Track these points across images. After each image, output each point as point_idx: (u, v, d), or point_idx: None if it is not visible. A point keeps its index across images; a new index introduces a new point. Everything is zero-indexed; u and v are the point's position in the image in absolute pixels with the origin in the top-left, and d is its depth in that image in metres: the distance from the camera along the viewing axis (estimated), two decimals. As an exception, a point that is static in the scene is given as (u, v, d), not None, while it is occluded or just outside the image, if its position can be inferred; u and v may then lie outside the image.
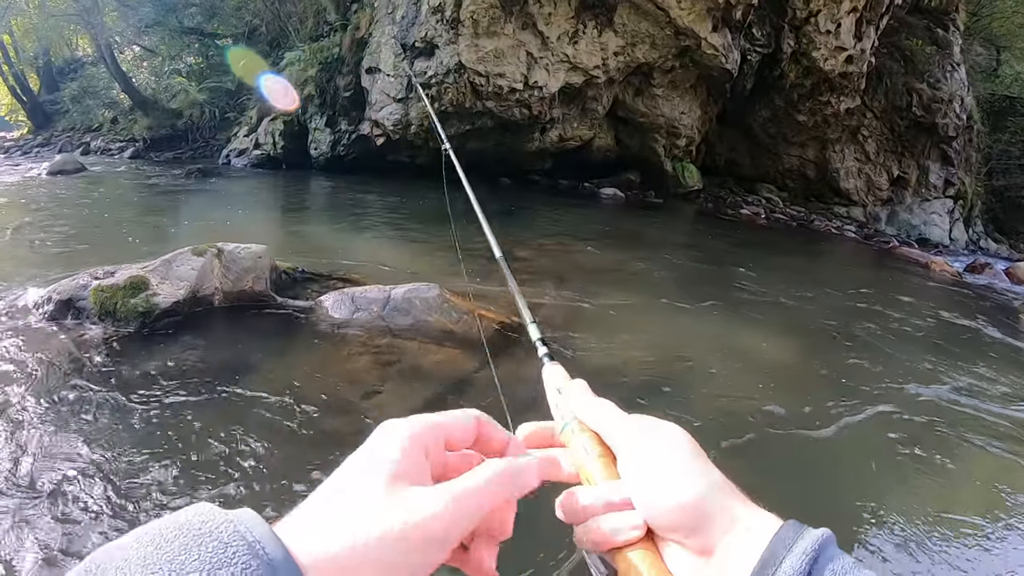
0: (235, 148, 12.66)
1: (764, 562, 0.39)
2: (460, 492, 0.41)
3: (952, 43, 14.63)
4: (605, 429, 0.50)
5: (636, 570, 0.43)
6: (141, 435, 2.61)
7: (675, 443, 0.47)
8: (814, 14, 12.29)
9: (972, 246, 15.25)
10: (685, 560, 0.42)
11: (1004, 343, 6.76)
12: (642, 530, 0.44)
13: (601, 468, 0.48)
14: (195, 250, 4.11)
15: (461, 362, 3.70)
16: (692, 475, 0.44)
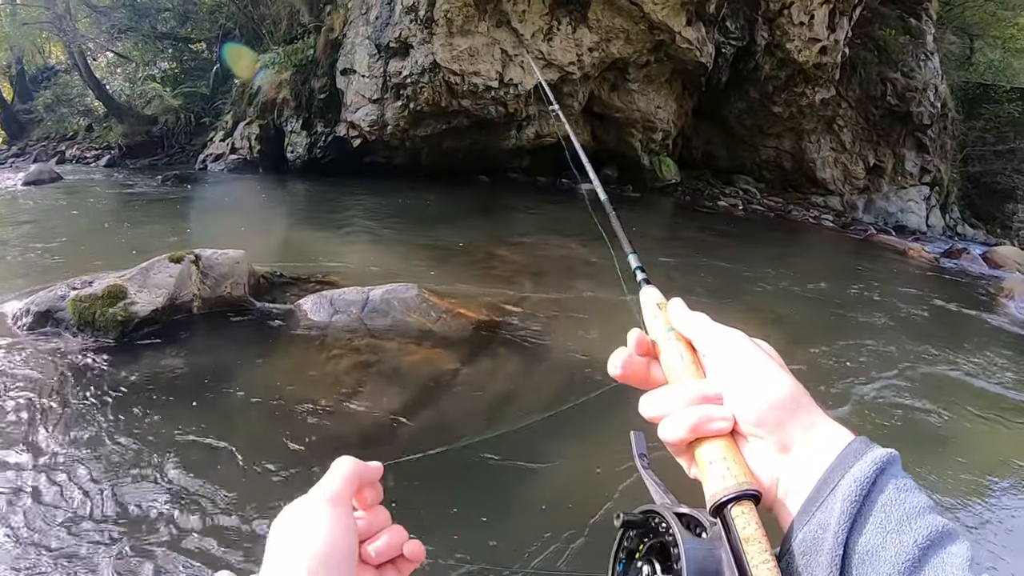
0: (211, 153, 12.57)
1: (834, 466, 0.42)
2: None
3: (925, 32, 14.77)
4: (700, 336, 0.54)
5: (716, 457, 0.46)
6: (121, 445, 2.60)
7: (765, 350, 0.51)
8: (787, 6, 12.36)
9: (949, 232, 15.43)
10: (763, 454, 0.46)
11: (982, 324, 6.88)
12: (730, 421, 0.47)
13: (694, 371, 0.52)
14: (172, 257, 4.12)
15: (441, 361, 3.72)
16: (780, 377, 0.48)
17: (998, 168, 17.56)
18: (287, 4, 13.30)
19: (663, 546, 0.45)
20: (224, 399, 3.08)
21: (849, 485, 0.41)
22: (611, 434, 2.98)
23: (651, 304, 0.62)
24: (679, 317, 0.57)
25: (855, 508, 0.40)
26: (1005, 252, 12.95)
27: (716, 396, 0.49)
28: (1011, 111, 17.08)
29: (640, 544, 0.48)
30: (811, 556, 0.41)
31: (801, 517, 0.42)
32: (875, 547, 0.39)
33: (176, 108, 13.70)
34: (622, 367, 0.55)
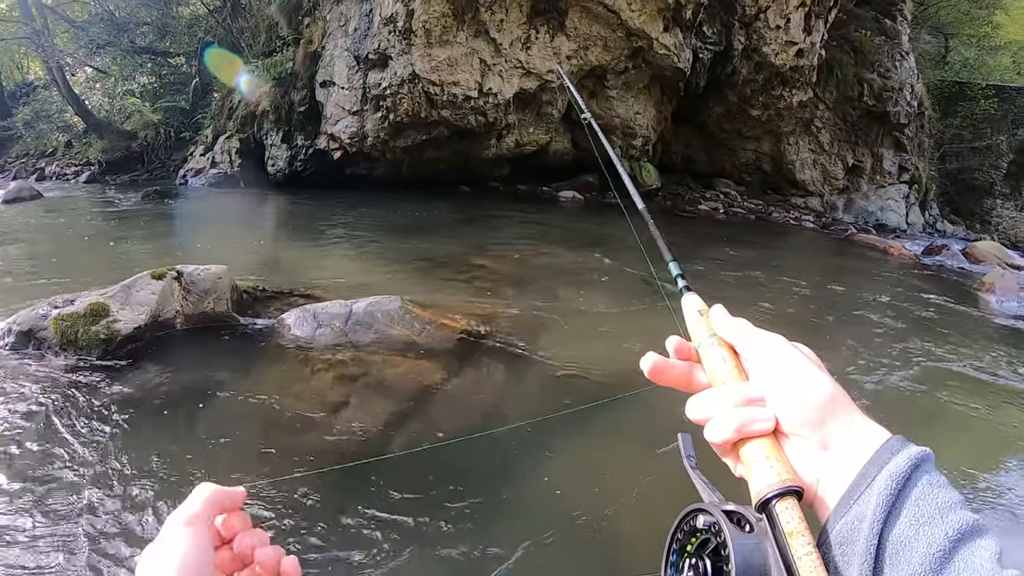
0: (191, 168, 12.51)
1: (871, 462, 0.45)
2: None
3: (900, 32, 14.96)
4: (741, 340, 0.56)
5: (760, 456, 0.49)
6: (103, 465, 2.57)
7: (804, 352, 0.54)
8: (763, 10, 12.48)
9: (929, 229, 15.61)
10: (804, 451, 0.49)
11: (965, 318, 6.97)
12: (773, 422, 0.50)
13: (736, 375, 0.54)
14: (154, 274, 4.09)
15: (426, 372, 3.72)
16: (820, 379, 0.50)
17: (975, 164, 17.78)
18: (266, 17, 13.28)
19: (713, 542, 0.47)
20: (208, 416, 3.07)
21: (885, 480, 0.43)
22: (612, 444, 3.02)
23: (693, 311, 0.64)
24: (721, 322, 0.59)
25: (890, 501, 0.42)
26: (984, 247, 13.12)
27: (759, 398, 0.51)
28: (987, 108, 17.31)
29: (690, 541, 0.50)
30: (848, 546, 0.43)
31: (839, 509, 0.45)
32: (908, 538, 0.41)
33: (156, 123, 13.63)
34: (651, 371, 0.59)
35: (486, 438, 3.05)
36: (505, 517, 2.48)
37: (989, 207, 18.72)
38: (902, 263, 11.05)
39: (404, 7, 10.56)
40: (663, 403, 3.58)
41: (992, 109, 17.51)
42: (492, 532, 2.37)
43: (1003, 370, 5.07)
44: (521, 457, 2.87)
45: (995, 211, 18.78)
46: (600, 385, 3.73)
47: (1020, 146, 18.37)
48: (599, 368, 3.97)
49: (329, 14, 11.99)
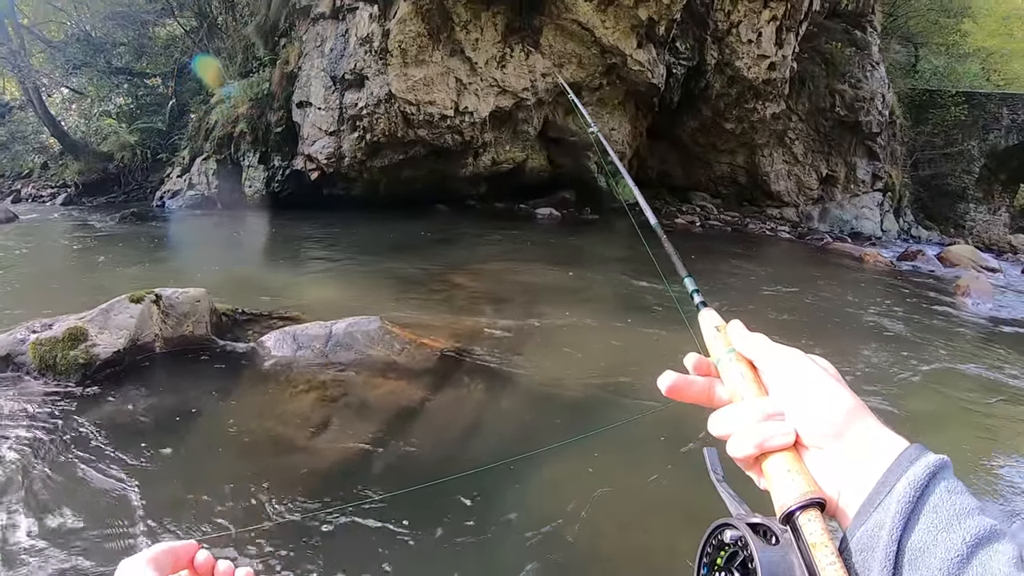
0: (168, 190, 12.46)
1: (890, 470, 0.46)
2: None
3: (871, 43, 15.25)
4: (760, 355, 0.57)
5: (782, 469, 0.50)
6: (83, 491, 2.54)
7: (822, 366, 0.55)
8: (735, 25, 12.69)
9: (904, 235, 15.87)
10: (825, 463, 0.49)
11: (941, 321, 7.09)
12: (793, 436, 0.51)
13: (756, 389, 0.55)
14: (132, 297, 4.06)
15: (407, 392, 3.72)
16: (839, 392, 0.51)
17: (948, 170, 18.13)
18: (242, 37, 13.29)
19: (740, 555, 0.49)
20: (189, 440, 3.04)
21: (904, 488, 0.44)
22: (610, 470, 3.00)
23: (710, 326, 0.65)
24: (739, 338, 0.60)
25: (909, 509, 0.43)
26: (959, 251, 13.36)
27: (779, 412, 0.52)
28: (957, 114, 17.68)
29: (719, 554, 0.51)
30: (868, 553, 0.44)
31: (859, 517, 0.46)
32: (926, 544, 0.42)
33: (132, 144, 13.55)
34: (669, 389, 0.60)
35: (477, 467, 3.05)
36: (502, 552, 2.47)
37: (963, 211, 19.08)
38: (878, 270, 11.21)
39: (380, 27, 10.63)
40: (649, 408, 3.65)
41: (962, 115, 17.88)
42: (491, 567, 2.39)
43: (979, 369, 5.20)
44: (518, 486, 2.86)
45: (968, 215, 19.14)
46: (581, 401, 3.76)
47: (991, 151, 18.77)
48: (581, 384, 4.01)
49: (305, 35, 12.02)
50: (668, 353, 4.62)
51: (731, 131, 13.35)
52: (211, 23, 14.50)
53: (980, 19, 20.06)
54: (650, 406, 3.56)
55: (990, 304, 8.44)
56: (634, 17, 11.34)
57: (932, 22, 18.00)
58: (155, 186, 13.13)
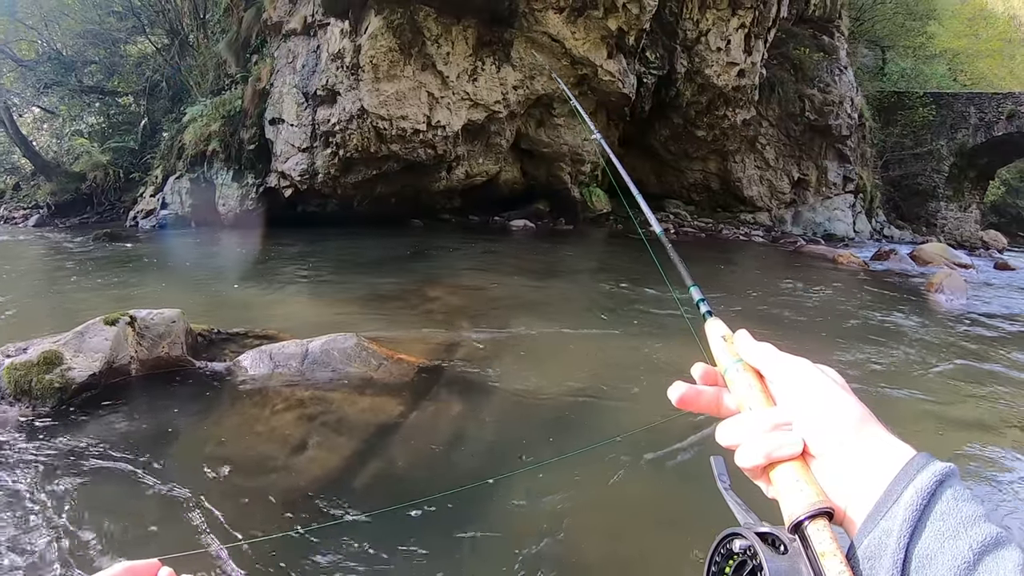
0: (142, 209, 12.37)
1: (898, 478, 0.46)
2: None
3: (838, 48, 15.51)
4: (767, 365, 0.57)
5: (790, 479, 0.50)
6: (61, 517, 2.50)
7: (830, 375, 0.55)
8: (704, 33, 12.86)
9: (877, 235, 16.12)
10: (832, 472, 0.50)
11: (916, 318, 7.19)
12: (801, 446, 0.51)
13: (763, 399, 0.55)
14: (107, 319, 4.01)
15: (386, 408, 3.72)
16: (846, 401, 0.52)
17: (918, 170, 18.47)
18: (214, 55, 13.26)
19: (749, 564, 0.49)
20: (167, 464, 2.98)
21: (911, 495, 0.44)
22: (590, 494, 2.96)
23: (717, 336, 0.65)
24: (747, 348, 0.60)
25: (916, 516, 0.43)
26: (931, 249, 13.59)
27: (786, 422, 0.53)
28: (925, 115, 18.03)
29: (728, 564, 0.51)
30: (875, 560, 0.44)
31: (866, 525, 0.46)
32: (933, 552, 0.42)
33: (105, 164, 13.46)
34: (679, 400, 0.61)
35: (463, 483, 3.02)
36: (487, 572, 2.45)
37: (934, 210, 19.42)
38: (852, 271, 11.36)
39: (351, 43, 10.68)
40: (626, 415, 3.65)
41: (931, 116, 18.24)
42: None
43: (952, 363, 5.30)
44: (502, 502, 2.84)
45: (940, 213, 19.49)
46: (561, 414, 3.76)
47: (960, 149, 19.14)
48: (560, 396, 4.02)
49: (277, 51, 12.04)
50: (647, 363, 4.66)
51: (703, 138, 13.51)
52: (182, 41, 14.47)
53: (946, 21, 20.49)
54: (635, 420, 3.57)
55: (964, 300, 8.58)
56: (604, 28, 11.47)
57: (898, 25, 18.36)
58: (128, 206, 13.04)
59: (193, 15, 14.68)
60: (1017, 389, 4.79)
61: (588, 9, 11.19)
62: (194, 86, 13.26)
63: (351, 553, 2.43)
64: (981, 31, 22.40)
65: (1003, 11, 27.24)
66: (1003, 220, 25.60)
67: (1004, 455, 3.63)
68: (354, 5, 10.61)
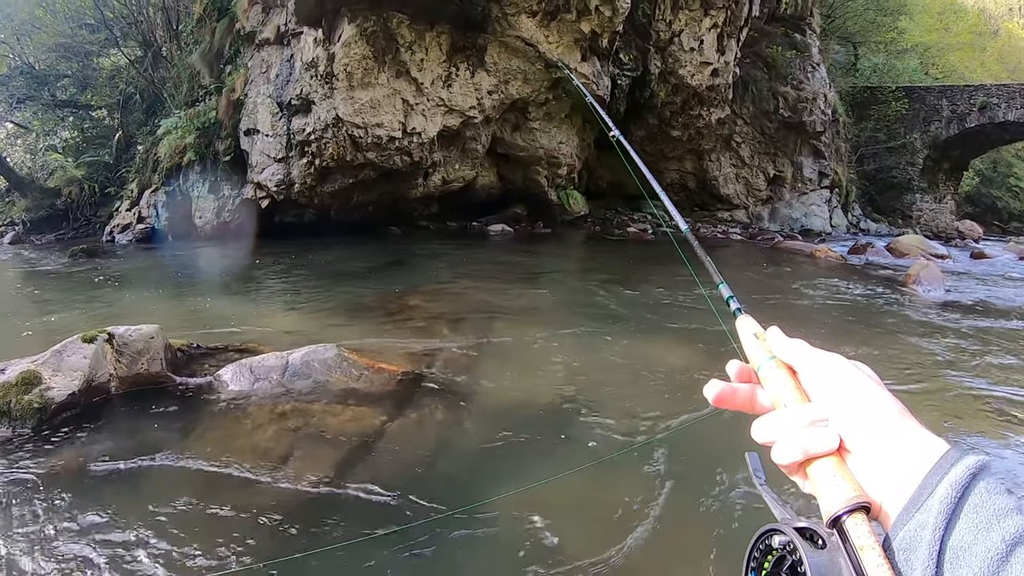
0: (118, 224, 12.26)
1: (932, 472, 0.47)
2: None
3: (810, 45, 15.70)
4: (800, 361, 0.58)
5: (828, 474, 0.51)
6: (43, 540, 2.48)
7: (863, 371, 0.56)
8: (677, 34, 12.97)
9: (853, 229, 16.33)
10: (869, 466, 0.50)
11: (894, 309, 7.29)
12: (837, 441, 0.52)
13: (798, 396, 0.56)
14: (85, 337, 3.97)
15: (368, 418, 3.70)
16: (880, 396, 0.52)
17: (892, 163, 18.73)
18: (187, 66, 13.19)
19: (788, 559, 0.50)
20: (149, 483, 2.95)
21: (946, 488, 0.45)
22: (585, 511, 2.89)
23: (749, 333, 0.66)
24: (780, 345, 0.61)
25: (950, 509, 0.44)
26: (907, 241, 13.80)
27: (822, 419, 0.53)
28: (898, 108, 18.29)
29: (767, 559, 0.52)
30: (910, 552, 0.45)
31: (902, 518, 0.47)
32: (967, 544, 0.43)
33: (80, 178, 13.32)
34: (716, 399, 0.61)
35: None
36: None
37: (909, 202, 19.70)
38: (830, 265, 11.48)
39: (325, 51, 10.67)
40: (613, 416, 3.64)
41: (903, 109, 18.51)
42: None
43: (933, 353, 5.37)
44: (491, 525, 2.77)
45: (915, 205, 19.77)
46: (544, 416, 3.76)
47: (933, 142, 19.43)
48: (545, 396, 4.02)
49: (251, 61, 12.00)
50: (636, 366, 4.64)
51: (678, 138, 13.62)
52: (155, 53, 14.38)
53: (916, 16, 20.80)
54: (629, 429, 3.53)
55: (941, 290, 8.68)
56: (577, 31, 11.54)
57: (869, 21, 18.61)
58: (104, 221, 12.92)
59: (166, 27, 14.60)
60: (995, 376, 4.86)
61: (561, 12, 11.25)
62: (168, 98, 13.18)
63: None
64: (951, 25, 22.77)
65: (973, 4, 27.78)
66: (978, 210, 26.04)
67: (982, 443, 3.69)
68: (327, 13, 10.61)
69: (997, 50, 30.80)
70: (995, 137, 20.60)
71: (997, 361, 5.28)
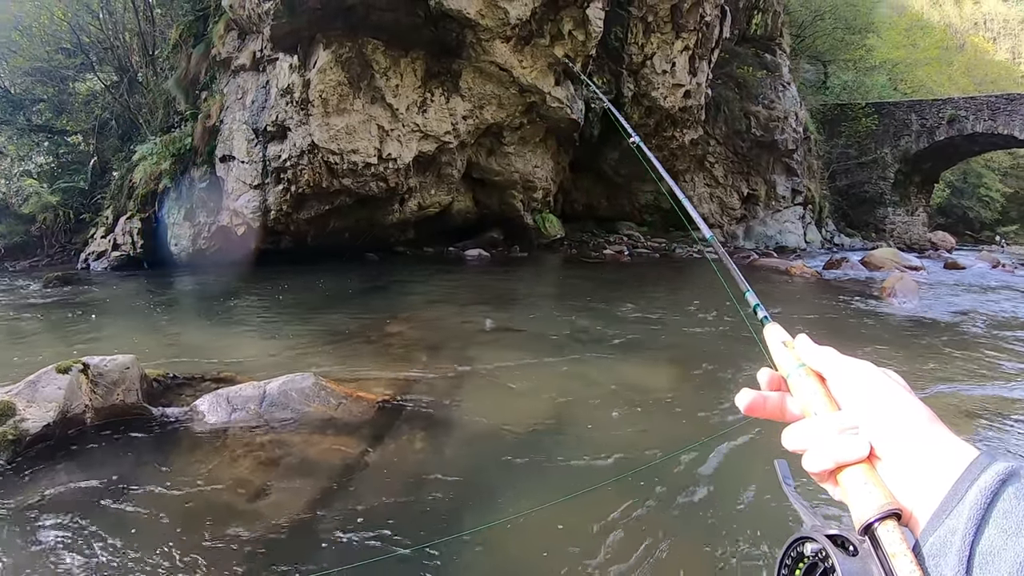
0: (93, 251, 12.19)
1: (962, 478, 0.47)
2: None
3: (781, 65, 16.04)
4: (830, 369, 0.58)
5: (859, 481, 0.51)
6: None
7: (893, 378, 0.56)
8: (649, 57, 13.20)
9: (828, 244, 16.63)
10: (899, 473, 0.50)
11: (871, 322, 7.38)
12: (868, 448, 0.52)
13: (828, 403, 0.56)
14: (59, 367, 3.93)
15: (347, 448, 3.68)
16: (911, 404, 0.53)
17: (864, 178, 19.14)
18: (163, 92, 13.19)
19: (820, 567, 0.50)
20: (127, 515, 2.89)
21: (975, 494, 0.45)
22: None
23: (777, 341, 0.66)
24: (809, 353, 0.61)
25: (980, 514, 0.44)
26: (881, 254, 14.04)
27: (853, 427, 0.53)
28: (868, 124, 18.71)
29: (798, 566, 0.52)
30: (940, 558, 0.45)
31: (932, 524, 0.47)
32: (996, 549, 0.43)
33: (54, 205, 13.24)
34: (748, 408, 0.62)
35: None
36: None
37: (882, 216, 20.11)
38: (805, 281, 11.63)
39: (300, 78, 10.74)
40: (591, 441, 3.64)
41: (873, 125, 18.93)
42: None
43: (908, 363, 5.43)
44: (475, 552, 2.74)
45: (888, 219, 20.18)
46: (524, 443, 3.74)
47: (904, 156, 19.88)
48: (524, 422, 4.02)
49: (226, 87, 12.03)
50: (619, 389, 4.63)
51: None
52: (131, 78, 14.36)
53: (884, 33, 21.30)
54: (615, 453, 3.50)
55: (916, 301, 8.79)
56: (551, 56, 11.72)
57: (838, 40, 19.05)
58: (79, 248, 12.84)
59: (142, 52, 14.59)
60: (971, 384, 4.94)
61: (535, 38, 11.42)
62: (144, 124, 13.16)
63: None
64: (918, 40, 23.34)
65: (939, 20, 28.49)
66: (950, 221, 26.61)
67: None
68: (303, 39, 10.69)
69: (964, 64, 31.66)
70: (964, 149, 21.10)
71: (973, 368, 5.36)
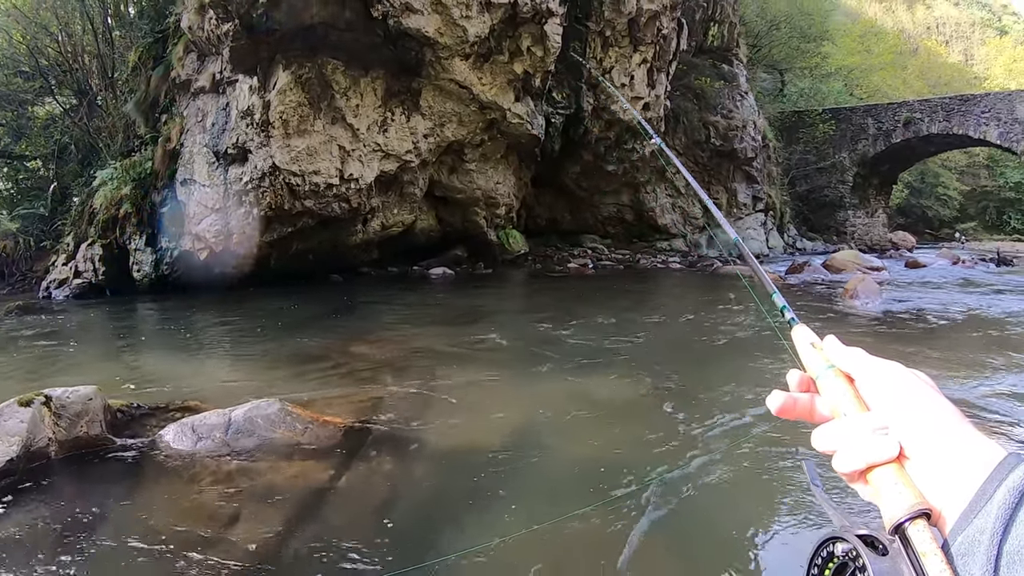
0: (54, 279, 12.03)
1: (991, 478, 0.47)
2: None
3: (738, 75, 16.42)
4: (859, 370, 0.58)
5: (889, 482, 0.51)
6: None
7: (922, 379, 0.56)
8: (608, 71, 13.45)
9: (790, 249, 17.02)
10: (928, 473, 0.51)
11: (836, 323, 7.52)
12: (898, 449, 0.52)
13: (857, 404, 0.56)
14: (21, 400, 3.91)
15: (315, 472, 3.69)
16: (940, 404, 0.53)
17: (824, 183, 19.64)
18: (123, 115, 13.10)
19: (850, 567, 0.50)
20: (93, 548, 2.87)
21: (1004, 494, 0.45)
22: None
23: (805, 343, 0.66)
24: (838, 354, 0.61)
25: (1008, 514, 0.44)
26: (843, 256, 14.39)
27: (883, 427, 0.53)
28: (826, 130, 19.21)
29: (828, 566, 0.52)
30: (968, 557, 0.45)
31: (960, 523, 0.47)
32: (1023, 547, 0.43)
33: (14, 232, 13.05)
34: (779, 410, 0.62)
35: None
36: None
37: (842, 219, 20.63)
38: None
39: (260, 99, 10.75)
40: (561, 458, 3.67)
41: (831, 131, 19.44)
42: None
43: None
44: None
45: (848, 221, 20.71)
46: (493, 463, 3.74)
47: (861, 159, 20.43)
48: (492, 440, 4.04)
49: (186, 110, 12.00)
50: (588, 404, 4.65)
51: (613, 172, 14.06)
52: (91, 101, 14.23)
53: (839, 40, 21.89)
54: (561, 454, 3.56)
55: (878, 301, 8.98)
56: (510, 72, 11.89)
57: (794, 48, 19.55)
58: (40, 276, 12.65)
59: (101, 74, 14.48)
60: (939, 382, 5.13)
61: (494, 55, 11.59)
62: (104, 148, 13.04)
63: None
64: (873, 46, 24.02)
65: (892, 25, 29.34)
66: (910, 220, 27.35)
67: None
68: (262, 60, 10.72)
69: (918, 67, 32.58)
70: (921, 150, 21.74)
71: (939, 363, 5.50)
